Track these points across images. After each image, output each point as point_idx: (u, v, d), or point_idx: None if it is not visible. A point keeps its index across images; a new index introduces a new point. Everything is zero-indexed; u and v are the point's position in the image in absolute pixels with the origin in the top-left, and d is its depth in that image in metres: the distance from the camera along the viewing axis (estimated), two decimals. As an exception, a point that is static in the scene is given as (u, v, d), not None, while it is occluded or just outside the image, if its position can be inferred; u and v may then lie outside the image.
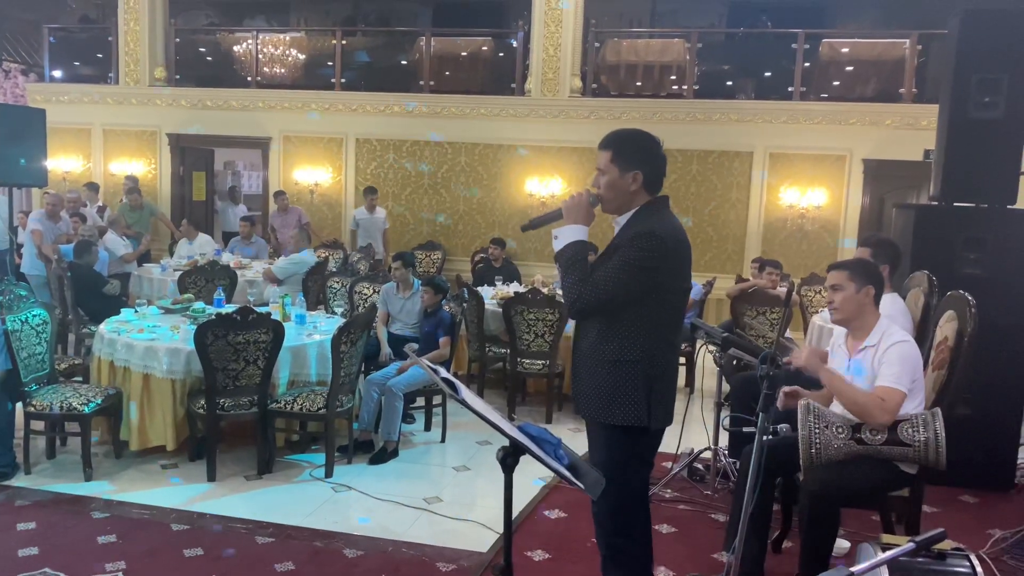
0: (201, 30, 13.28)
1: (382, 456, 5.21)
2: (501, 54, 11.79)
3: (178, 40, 12.03)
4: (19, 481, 4.67)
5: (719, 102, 10.31)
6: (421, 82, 11.28)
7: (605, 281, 2.68)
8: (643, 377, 2.73)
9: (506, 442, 1.99)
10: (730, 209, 10.15)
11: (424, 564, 3.82)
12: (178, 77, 11.97)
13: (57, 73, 12.46)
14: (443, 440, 5.68)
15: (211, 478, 4.76)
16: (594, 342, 2.79)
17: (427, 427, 5.90)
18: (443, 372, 2.00)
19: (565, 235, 2.77)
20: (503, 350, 6.62)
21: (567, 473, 1.88)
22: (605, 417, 2.77)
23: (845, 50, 10.85)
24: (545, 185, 10.33)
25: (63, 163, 11.61)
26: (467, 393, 1.91)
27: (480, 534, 4.14)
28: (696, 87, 10.58)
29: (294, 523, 4.23)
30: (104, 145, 11.82)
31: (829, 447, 3.22)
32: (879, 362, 3.27)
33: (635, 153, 2.82)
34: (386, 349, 6.00)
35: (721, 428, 4.72)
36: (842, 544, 3.82)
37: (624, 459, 2.80)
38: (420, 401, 5.78)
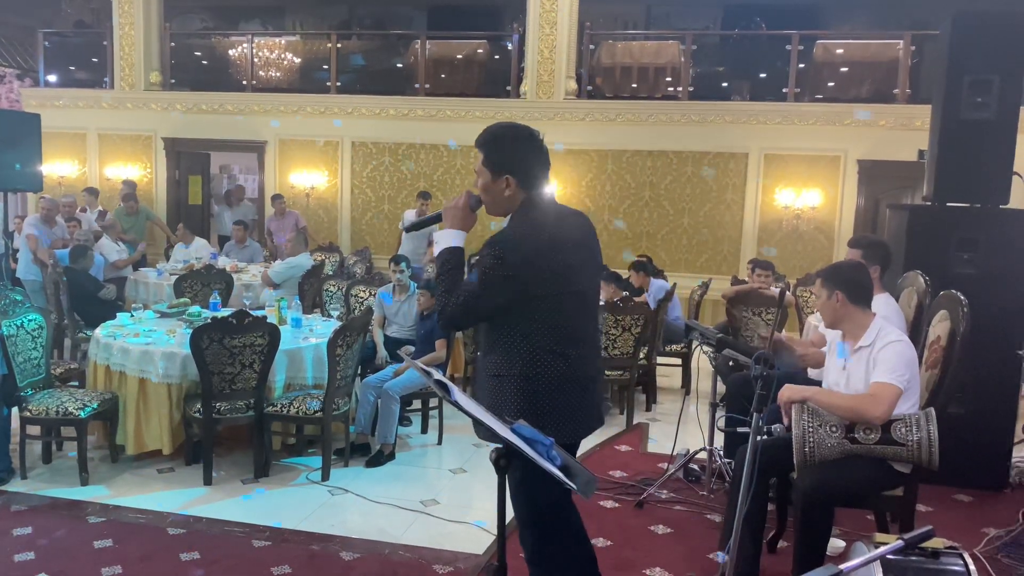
0: (196, 34, 13.28)
1: (379, 459, 5.22)
2: (496, 57, 11.81)
3: (173, 44, 12.04)
4: (15, 486, 4.67)
5: (714, 104, 10.35)
6: (416, 85, 11.30)
7: (466, 293, 2.53)
8: (522, 391, 2.54)
9: (500, 444, 2.00)
10: (725, 210, 10.17)
11: (421, 566, 3.83)
12: (173, 81, 11.97)
13: (52, 78, 12.46)
14: (439, 443, 5.69)
15: (207, 482, 4.76)
16: (482, 354, 2.69)
17: (423, 430, 5.91)
18: (436, 374, 2.01)
19: (442, 240, 2.64)
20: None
21: (560, 474, 1.89)
22: (489, 436, 2.41)
23: (839, 51, 10.90)
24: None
25: (58, 168, 11.61)
26: (460, 395, 1.92)
27: (477, 536, 4.15)
28: (691, 89, 10.61)
29: (291, 526, 4.23)
30: (99, 150, 11.83)
31: (823, 446, 3.23)
32: (874, 361, 3.28)
33: (505, 155, 2.61)
34: (382, 352, 6.00)
35: (716, 429, 4.74)
36: (836, 543, 3.83)
37: (520, 477, 2.55)
38: (416, 404, 5.78)
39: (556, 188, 10.25)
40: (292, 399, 4.99)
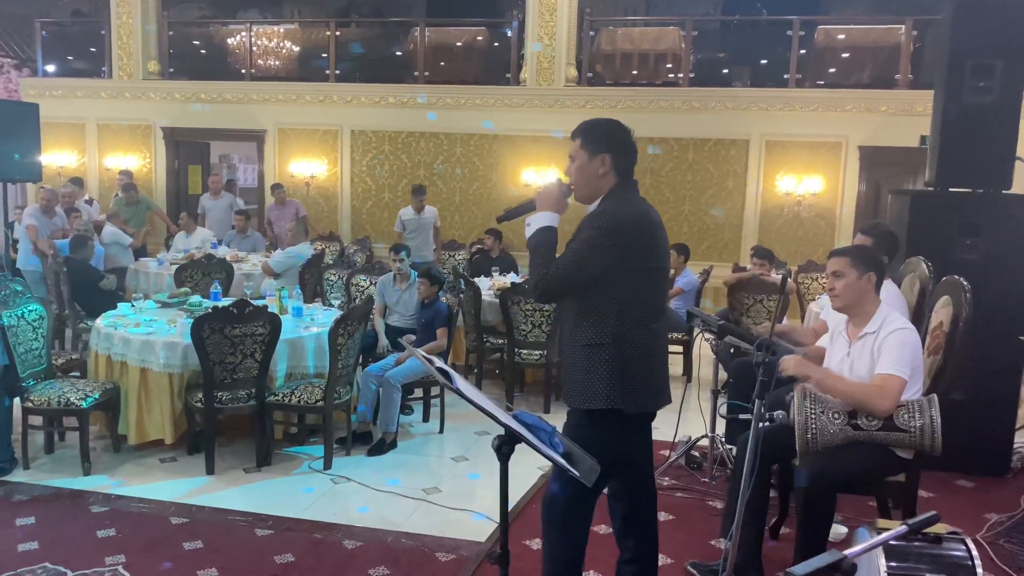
0: (194, 23, 13.22)
1: (380, 447, 5.22)
2: (496, 44, 11.76)
3: (171, 33, 11.98)
4: (18, 476, 4.68)
5: (715, 90, 10.30)
6: (416, 73, 11.25)
7: (564, 262, 2.70)
8: (614, 360, 2.71)
9: (502, 431, 2.00)
10: (726, 197, 10.15)
11: (423, 554, 3.84)
12: (172, 71, 11.93)
13: (50, 68, 12.41)
14: (441, 431, 5.69)
15: (210, 471, 4.77)
16: (569, 327, 2.82)
17: (425, 418, 5.91)
18: (438, 362, 2.01)
19: (536, 223, 2.78)
20: (501, 341, 6.63)
21: (562, 460, 1.88)
22: (582, 402, 2.77)
23: (841, 36, 10.84)
24: (541, 175, 10.32)
25: (57, 158, 11.58)
26: (462, 382, 1.92)
27: (479, 523, 4.16)
28: (692, 75, 10.56)
29: (293, 515, 4.24)
30: (98, 139, 11.79)
31: (825, 432, 3.23)
32: (879, 349, 3.27)
33: (603, 137, 2.84)
34: (383, 341, 6.00)
35: (718, 416, 4.74)
36: (839, 529, 3.84)
37: (586, 443, 2.65)
38: (418, 392, 5.79)
39: (557, 175, 10.23)
40: (294, 388, 4.99)
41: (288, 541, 3.95)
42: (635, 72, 11.01)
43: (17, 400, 4.80)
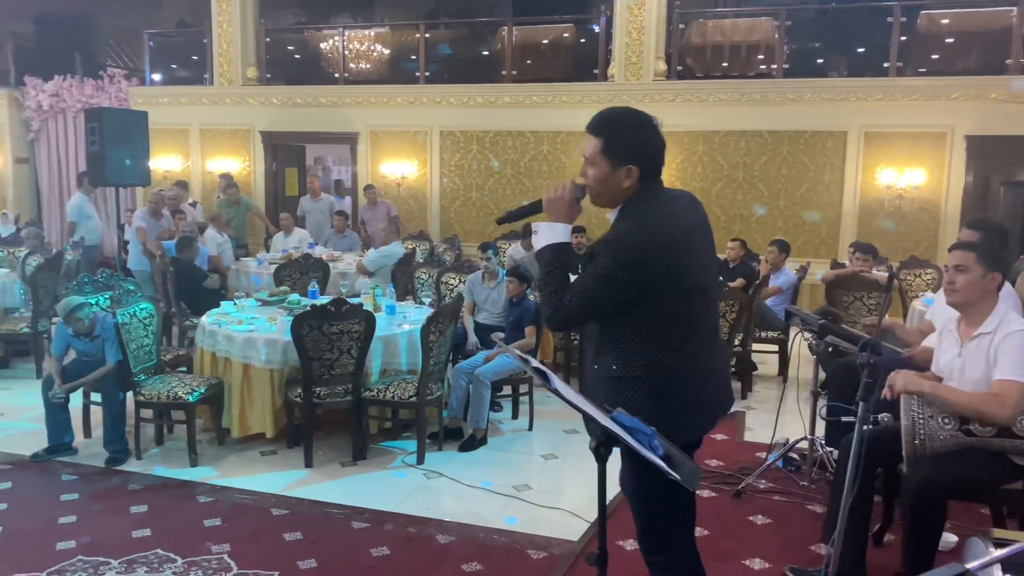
0: (290, 29, 13.63)
1: (471, 444, 5.28)
2: (583, 40, 11.70)
3: (268, 40, 12.39)
4: (131, 466, 4.93)
5: (810, 81, 9.97)
6: (503, 72, 11.31)
7: (581, 293, 2.34)
8: (648, 394, 2.35)
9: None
10: (823, 191, 9.82)
11: (515, 551, 3.86)
12: (269, 76, 12.33)
13: (156, 76, 13.01)
14: (530, 428, 5.71)
15: (308, 464, 4.92)
16: (592, 358, 2.47)
17: (514, 415, 5.94)
18: (534, 362, 2.00)
19: (545, 234, 2.43)
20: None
21: (662, 464, 1.85)
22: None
23: (945, 21, 10.32)
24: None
25: (163, 162, 12.13)
26: (559, 383, 1.91)
27: (570, 522, 4.15)
28: (786, 66, 10.25)
29: (388, 509, 4.33)
30: (201, 144, 12.30)
31: (935, 438, 3.08)
32: (995, 352, 3.07)
33: (630, 144, 2.38)
34: (472, 338, 6.06)
35: (818, 417, 4.59)
36: (949, 538, 3.66)
37: (639, 475, 2.42)
38: (507, 390, 5.81)
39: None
40: (388, 384, 5.09)
41: (383, 534, 4.03)
42: (726, 64, 10.76)
43: (130, 394, 5.06)
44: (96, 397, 5.14)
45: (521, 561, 3.77)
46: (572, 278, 2.44)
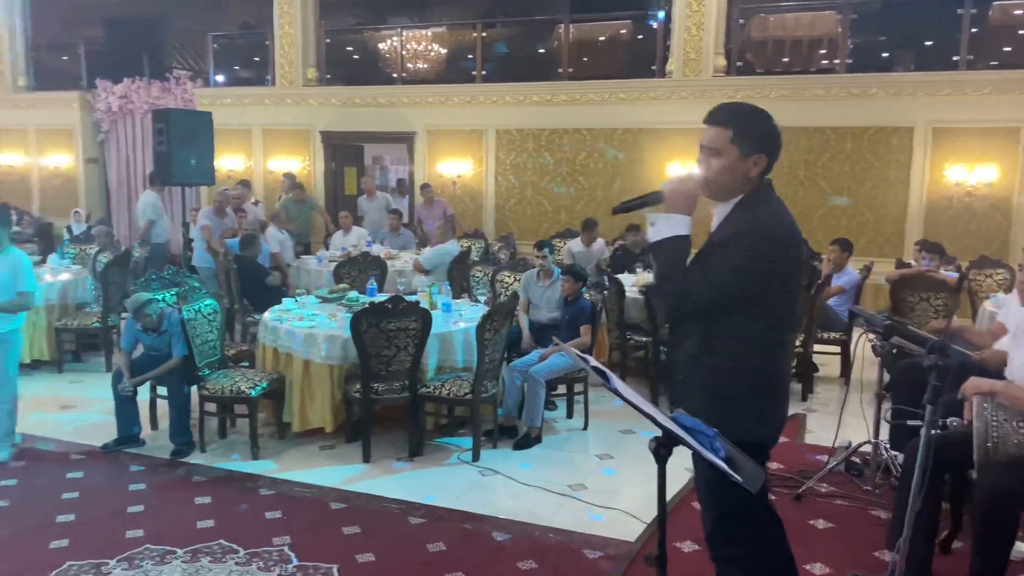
0: (349, 30, 13.82)
1: (526, 442, 5.28)
2: (640, 36, 11.61)
3: (328, 41, 12.58)
4: (195, 458, 5.07)
5: (875, 76, 9.71)
6: (560, 70, 11.29)
7: (708, 286, 2.32)
8: (754, 388, 2.37)
9: (657, 432, 1.96)
10: (888, 189, 9.56)
11: (571, 550, 3.85)
12: (328, 77, 12.52)
13: (220, 77, 13.33)
14: (585, 428, 5.68)
15: (366, 459, 4.98)
16: (693, 351, 2.44)
17: (569, 414, 5.92)
18: (593, 361, 1.99)
19: (664, 225, 2.38)
20: (644, 338, 6.54)
21: (724, 465, 1.82)
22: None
23: (1018, 12, 9.94)
24: (688, 169, 10.11)
25: (227, 162, 12.42)
26: (619, 382, 1.90)
27: (626, 523, 4.12)
28: (849, 61, 10.01)
29: (444, 505, 4.36)
30: (263, 144, 12.56)
31: (1008, 442, 2.97)
32: None
33: (763, 136, 2.41)
34: (527, 336, 6.06)
35: (882, 420, 4.47)
36: (1021, 548, 3.53)
37: (707, 474, 2.38)
38: (561, 388, 5.80)
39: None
40: (444, 381, 5.13)
41: (440, 530, 4.06)
42: (787, 59, 10.56)
43: (194, 388, 5.20)
44: (163, 390, 5.30)
45: (576, 561, 3.76)
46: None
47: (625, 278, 7.26)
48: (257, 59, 13.31)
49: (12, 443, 5.05)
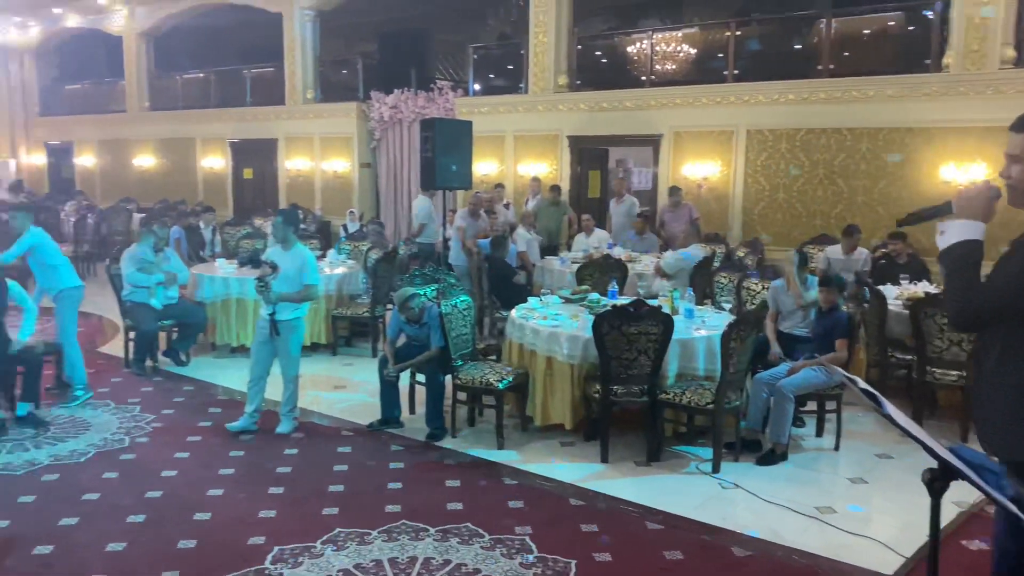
0: (600, 35, 14.02)
1: (770, 458, 5.08)
2: (912, 28, 10.65)
3: (579, 47, 12.86)
4: (447, 443, 5.43)
5: None
6: (819, 66, 10.67)
7: (1004, 287, 2.22)
8: None
9: (933, 463, 1.81)
10: None
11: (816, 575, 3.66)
12: (578, 82, 12.80)
13: (476, 86, 14.10)
14: (836, 448, 5.35)
15: (604, 459, 5.06)
16: (995, 362, 2.31)
17: (819, 433, 5.60)
18: (862, 383, 1.88)
19: (954, 231, 2.32)
20: (908, 356, 6.02)
21: (1013, 507, 1.65)
22: (1011, 452, 2.25)
23: None
24: (964, 171, 9.13)
25: (481, 167, 13.11)
26: (892, 408, 1.78)
27: (881, 553, 3.84)
28: None
29: (682, 513, 4.32)
30: (514, 149, 13.12)
31: None
32: None
33: None
34: (776, 348, 5.81)
35: None
36: None
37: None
38: (811, 405, 5.50)
39: (985, 172, 8.97)
40: (684, 389, 5.07)
41: (677, 539, 4.03)
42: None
43: (448, 377, 5.57)
44: (421, 378, 5.74)
45: (823, 587, 3.56)
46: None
47: (888, 290, 6.72)
48: (511, 67, 13.91)
49: (294, 416, 5.72)
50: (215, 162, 16.93)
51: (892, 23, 10.71)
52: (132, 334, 7.21)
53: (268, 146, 15.94)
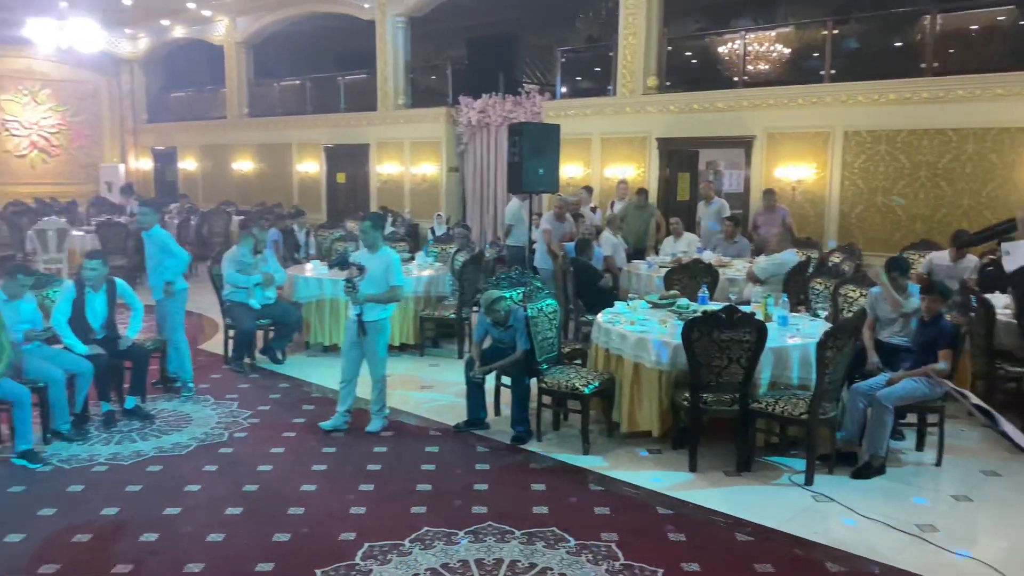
0: (691, 36, 13.81)
1: (866, 471, 4.89)
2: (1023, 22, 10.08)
3: (669, 48, 12.69)
4: (532, 446, 5.43)
5: None
6: (922, 65, 10.22)
7: None
8: None
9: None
10: None
11: (917, 597, 3.51)
12: (668, 84, 12.63)
13: (564, 89, 14.09)
14: (938, 463, 5.11)
15: (692, 468, 4.97)
16: None
17: (919, 446, 5.37)
18: (974, 399, 1.80)
19: (1020, 253, 2.19)
20: (1017, 369, 5.71)
21: None
22: None
23: None
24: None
25: (567, 170, 13.08)
26: (1009, 426, 1.69)
27: (984, 574, 3.65)
28: None
29: (773, 525, 4.21)
30: (601, 152, 13.04)
31: None
32: None
33: None
34: (874, 358, 5.59)
35: None
36: None
37: None
38: (911, 417, 5.27)
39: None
40: (777, 398, 4.94)
41: (767, 551, 3.93)
42: None
43: (534, 380, 5.58)
44: (506, 380, 5.76)
45: (924, 609, 3.41)
46: None
47: (996, 299, 6.37)
48: (598, 70, 13.83)
49: (384, 415, 5.83)
50: (310, 167, 17.47)
51: (1003, 17, 10.17)
52: (232, 332, 7.50)
53: (360, 151, 16.36)
